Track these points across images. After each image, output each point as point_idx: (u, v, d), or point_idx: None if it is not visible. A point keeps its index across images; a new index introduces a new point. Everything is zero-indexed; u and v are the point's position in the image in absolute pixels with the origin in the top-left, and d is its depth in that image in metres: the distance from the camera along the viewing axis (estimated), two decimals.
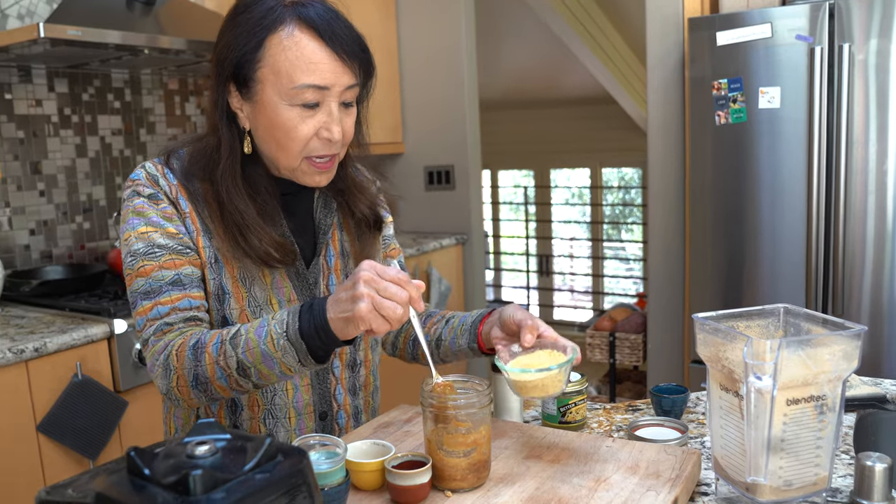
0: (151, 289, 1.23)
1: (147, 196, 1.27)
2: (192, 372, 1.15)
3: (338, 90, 1.22)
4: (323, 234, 1.39)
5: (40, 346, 2.06)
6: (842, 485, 1.17)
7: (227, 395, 1.17)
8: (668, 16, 3.11)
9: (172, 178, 1.29)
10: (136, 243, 1.25)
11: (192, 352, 1.15)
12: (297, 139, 1.23)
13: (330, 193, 1.41)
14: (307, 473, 0.78)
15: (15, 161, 2.74)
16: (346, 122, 1.26)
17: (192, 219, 1.28)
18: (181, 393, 1.18)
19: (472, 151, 3.94)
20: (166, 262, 1.24)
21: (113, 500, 0.70)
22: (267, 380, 1.14)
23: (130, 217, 1.27)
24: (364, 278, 1.04)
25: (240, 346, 1.12)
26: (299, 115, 1.22)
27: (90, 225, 2.99)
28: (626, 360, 3.92)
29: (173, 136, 3.25)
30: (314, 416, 1.38)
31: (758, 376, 0.98)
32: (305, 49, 1.19)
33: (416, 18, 3.91)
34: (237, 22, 1.23)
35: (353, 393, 1.43)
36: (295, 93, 1.20)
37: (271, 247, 1.26)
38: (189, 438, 0.78)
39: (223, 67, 1.24)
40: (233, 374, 1.13)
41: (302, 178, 1.29)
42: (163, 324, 1.22)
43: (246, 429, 1.35)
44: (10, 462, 2.03)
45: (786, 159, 2.68)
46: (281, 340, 1.10)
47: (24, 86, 2.74)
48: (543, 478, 1.12)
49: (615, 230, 6.92)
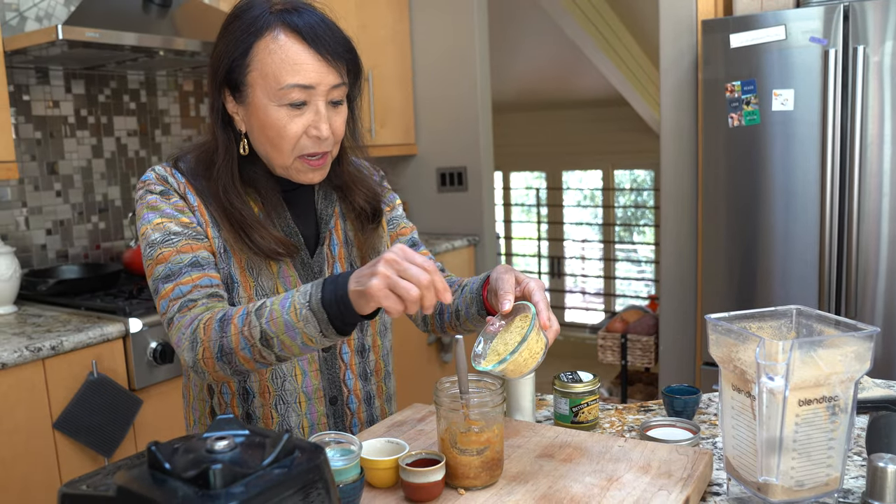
0: (171, 272, 1.27)
1: (159, 192, 1.33)
2: (217, 343, 1.17)
3: (323, 89, 1.27)
4: (325, 224, 1.44)
5: (57, 345, 2.08)
6: (854, 486, 1.17)
7: (251, 367, 1.19)
8: (681, 18, 3.11)
9: (180, 177, 1.35)
10: (153, 234, 1.30)
11: (218, 324, 1.18)
12: (287, 138, 1.28)
13: (329, 187, 1.46)
14: (324, 469, 0.79)
15: (32, 161, 2.76)
16: (336, 121, 1.31)
17: (200, 211, 1.33)
18: (206, 365, 1.20)
19: (484, 153, 3.95)
20: (183, 247, 1.28)
21: (134, 493, 0.71)
22: (289, 350, 1.15)
23: (145, 213, 1.32)
24: (387, 258, 1.06)
25: (264, 317, 1.15)
26: (288, 115, 1.27)
27: (105, 225, 3.01)
28: (638, 362, 3.92)
29: (188, 136, 3.27)
30: (324, 401, 1.41)
31: (770, 377, 0.99)
32: (290, 51, 1.25)
33: (430, 20, 3.92)
34: (229, 30, 1.30)
35: (363, 378, 1.46)
36: (282, 93, 1.26)
37: (274, 243, 1.32)
38: (208, 434, 0.79)
39: (217, 74, 1.31)
40: (256, 344, 1.15)
41: (296, 176, 1.34)
42: (187, 300, 1.25)
43: (258, 416, 1.38)
44: (27, 458, 2.05)
45: (799, 161, 2.68)
46: (303, 310, 1.12)
47: (41, 87, 2.77)
48: (556, 476, 1.13)
49: (627, 232, 6.92)
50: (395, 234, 1.56)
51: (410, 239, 1.58)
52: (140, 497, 0.71)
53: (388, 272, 1.05)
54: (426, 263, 1.06)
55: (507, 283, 1.23)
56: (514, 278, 1.24)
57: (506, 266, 1.29)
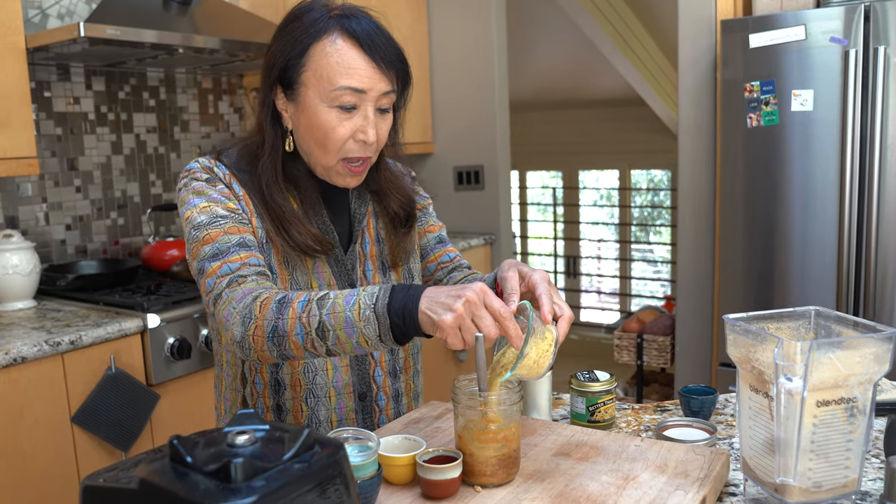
0: (219, 251, 1.28)
1: (205, 180, 1.35)
2: (272, 323, 1.17)
3: (374, 95, 1.30)
4: (358, 222, 1.46)
5: (76, 339, 2.10)
6: (871, 488, 1.17)
7: (299, 354, 1.18)
8: (700, 18, 3.10)
9: (224, 168, 1.38)
10: (199, 216, 1.31)
11: (276, 304, 1.18)
12: (334, 139, 1.31)
13: (364, 189, 1.49)
14: (343, 465, 0.80)
15: (52, 158, 2.79)
16: (381, 127, 1.34)
17: (246, 201, 1.36)
18: (255, 343, 1.19)
19: (501, 152, 3.95)
20: (230, 229, 1.30)
21: (157, 486, 0.72)
22: (342, 347, 1.15)
23: (191, 198, 1.34)
24: (468, 298, 1.07)
25: (325, 307, 1.15)
26: (337, 117, 1.30)
27: (124, 221, 3.03)
28: (654, 363, 3.90)
29: (206, 133, 3.29)
30: (353, 397, 1.43)
31: (788, 378, 0.98)
32: (346, 55, 1.28)
33: (448, 20, 3.92)
34: (287, 30, 1.33)
35: (392, 375, 1.48)
36: (335, 95, 1.28)
37: (311, 239, 1.35)
38: (229, 428, 0.80)
39: (271, 71, 1.34)
40: (311, 332, 1.15)
41: (335, 178, 1.37)
42: (236, 275, 1.25)
43: (289, 408, 1.40)
44: (46, 452, 2.08)
45: (818, 162, 2.66)
46: (367, 311, 1.12)
47: (62, 84, 2.79)
48: (572, 475, 1.13)
49: (643, 232, 6.89)
50: (423, 231, 1.59)
51: (438, 236, 1.61)
52: (162, 490, 0.72)
53: (465, 313, 1.06)
54: (503, 311, 1.08)
55: (511, 282, 1.23)
56: (517, 275, 1.24)
57: (511, 262, 1.29)
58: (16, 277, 2.41)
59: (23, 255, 2.44)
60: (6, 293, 2.43)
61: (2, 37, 2.26)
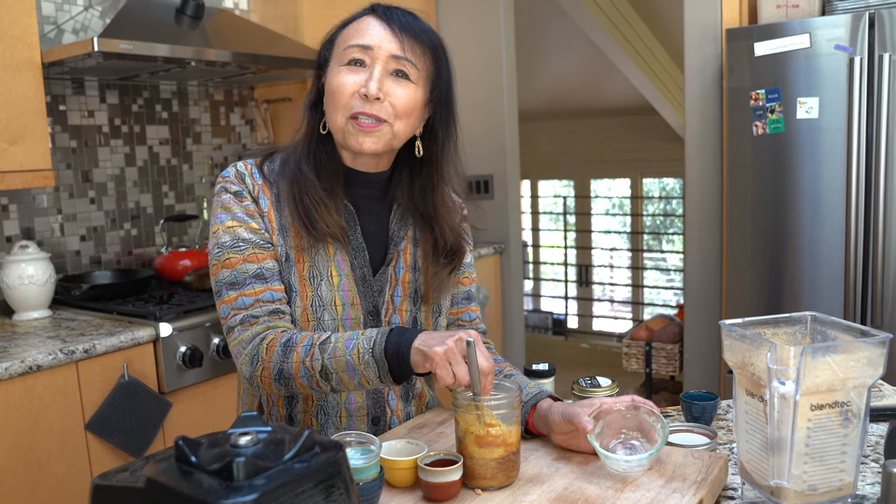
0: (236, 280, 1.33)
1: (233, 193, 1.38)
2: (277, 366, 1.26)
3: (383, 54, 1.32)
4: (395, 245, 1.45)
5: (89, 348, 2.13)
6: (869, 492, 1.18)
7: (305, 391, 1.28)
8: (706, 26, 3.12)
9: (258, 177, 1.40)
10: (224, 236, 1.35)
11: (281, 348, 1.26)
12: (341, 94, 1.33)
13: (410, 212, 1.47)
14: (342, 465, 0.82)
15: (67, 170, 2.83)
16: (395, 91, 1.33)
17: (269, 218, 1.38)
18: (263, 382, 1.29)
19: (511, 161, 3.97)
20: (250, 256, 1.34)
21: (162, 484, 0.75)
22: (345, 386, 1.24)
23: (219, 212, 1.38)
24: (461, 336, 1.15)
25: (327, 352, 1.23)
26: (345, 73, 1.33)
27: (137, 231, 3.08)
28: (663, 370, 3.91)
29: (218, 145, 3.33)
30: (367, 420, 1.44)
31: (781, 381, 1.00)
32: (362, 23, 1.36)
33: (457, 29, 3.95)
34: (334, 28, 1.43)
35: (405, 399, 1.50)
36: (344, 53, 1.34)
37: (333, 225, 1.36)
38: (232, 430, 0.83)
39: (319, 60, 1.42)
40: (315, 375, 1.24)
41: (349, 140, 1.35)
42: (248, 315, 1.31)
43: (299, 420, 1.43)
44: (61, 459, 2.11)
45: (824, 170, 2.67)
46: (366, 356, 1.20)
47: (77, 97, 2.84)
48: (572, 478, 1.15)
49: (656, 241, 6.89)
50: (456, 280, 1.55)
51: (467, 292, 1.58)
52: (168, 488, 0.75)
53: (456, 349, 1.13)
54: (484, 365, 1.14)
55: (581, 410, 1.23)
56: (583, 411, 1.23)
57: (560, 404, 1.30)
58: (32, 287, 2.45)
59: (38, 265, 2.48)
60: (22, 303, 2.47)
61: (18, 52, 2.31)
